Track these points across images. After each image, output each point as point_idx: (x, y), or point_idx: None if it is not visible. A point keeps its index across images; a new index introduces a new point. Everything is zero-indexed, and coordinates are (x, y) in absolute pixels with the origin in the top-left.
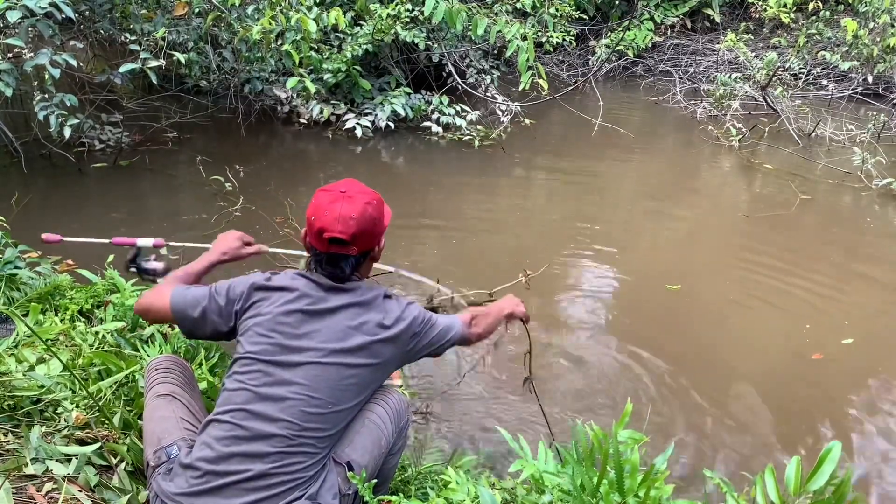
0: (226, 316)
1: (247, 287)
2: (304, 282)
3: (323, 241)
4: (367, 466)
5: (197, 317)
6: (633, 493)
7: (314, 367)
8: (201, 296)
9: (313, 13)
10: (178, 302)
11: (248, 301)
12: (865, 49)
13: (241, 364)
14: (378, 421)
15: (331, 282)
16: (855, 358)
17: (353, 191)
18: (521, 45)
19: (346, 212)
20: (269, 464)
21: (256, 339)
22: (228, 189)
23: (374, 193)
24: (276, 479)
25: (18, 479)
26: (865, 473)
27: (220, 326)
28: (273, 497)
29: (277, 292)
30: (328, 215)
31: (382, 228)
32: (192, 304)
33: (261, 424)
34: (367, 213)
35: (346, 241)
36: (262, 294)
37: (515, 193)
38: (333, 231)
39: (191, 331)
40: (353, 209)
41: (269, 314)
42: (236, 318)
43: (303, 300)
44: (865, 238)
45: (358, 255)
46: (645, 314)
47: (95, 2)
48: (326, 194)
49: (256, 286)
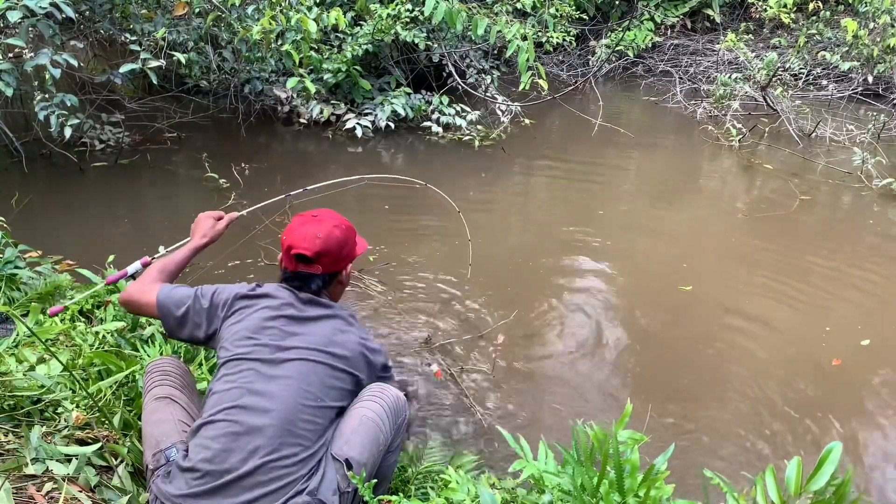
0: (206, 319)
1: (231, 295)
2: (287, 293)
3: (290, 258)
4: (366, 464)
5: (179, 316)
6: (633, 493)
7: (303, 363)
8: (186, 296)
9: (313, 13)
10: (164, 300)
11: (232, 308)
12: (865, 49)
13: (229, 366)
14: (376, 418)
15: (308, 294)
16: (855, 358)
17: (324, 216)
18: (521, 45)
19: (312, 231)
20: (266, 457)
21: (244, 341)
22: (226, 186)
23: (345, 220)
24: (273, 473)
25: (18, 479)
26: (866, 474)
27: (198, 330)
28: (273, 493)
29: (262, 299)
30: (296, 234)
31: (350, 253)
32: (176, 303)
33: (255, 418)
34: (333, 235)
35: (310, 258)
36: (246, 302)
37: (515, 193)
38: (299, 247)
39: (172, 329)
40: (319, 230)
41: (256, 319)
42: (219, 324)
43: (287, 308)
44: (865, 238)
45: (324, 276)
46: (645, 314)
47: (96, 2)
48: (300, 218)
49: (241, 295)
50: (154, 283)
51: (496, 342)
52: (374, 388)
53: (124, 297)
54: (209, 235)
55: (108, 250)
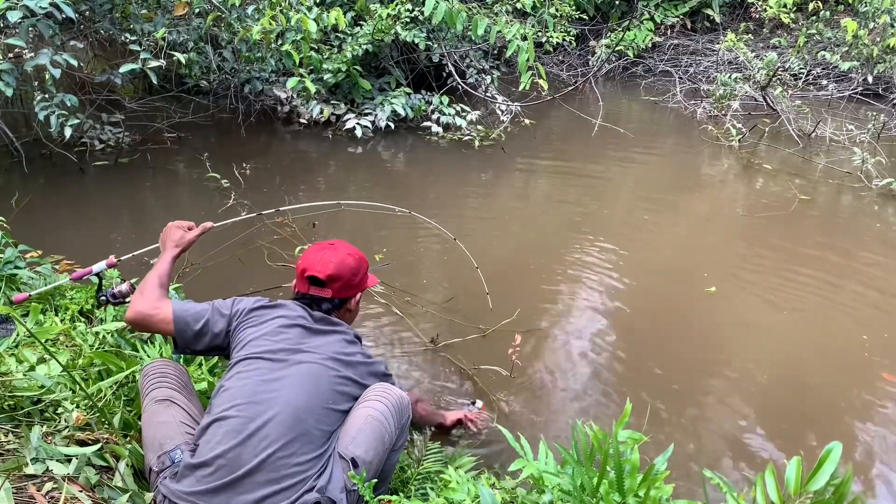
0: (225, 329)
1: (249, 305)
2: (301, 310)
3: (304, 280)
4: (372, 463)
5: (198, 329)
6: (633, 493)
7: (315, 366)
8: (203, 310)
9: (313, 13)
10: (181, 316)
11: (249, 316)
12: (865, 49)
13: (243, 364)
14: (381, 418)
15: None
16: (856, 358)
17: (340, 245)
18: (521, 46)
19: (327, 257)
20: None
21: (259, 341)
22: (226, 186)
23: (360, 253)
24: (284, 471)
25: (19, 479)
26: (866, 474)
27: (216, 340)
28: (284, 491)
29: (278, 309)
30: (311, 259)
31: (361, 282)
32: (194, 317)
33: (266, 415)
34: (346, 263)
35: (321, 280)
36: (262, 312)
37: (515, 193)
38: (312, 270)
39: (187, 343)
40: (333, 256)
41: (271, 325)
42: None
43: (301, 320)
44: (865, 239)
45: (334, 300)
46: (645, 314)
47: (96, 2)
48: (317, 245)
49: (259, 305)
50: (161, 299)
51: (514, 343)
52: (378, 388)
53: (131, 315)
54: (181, 245)
55: (108, 250)
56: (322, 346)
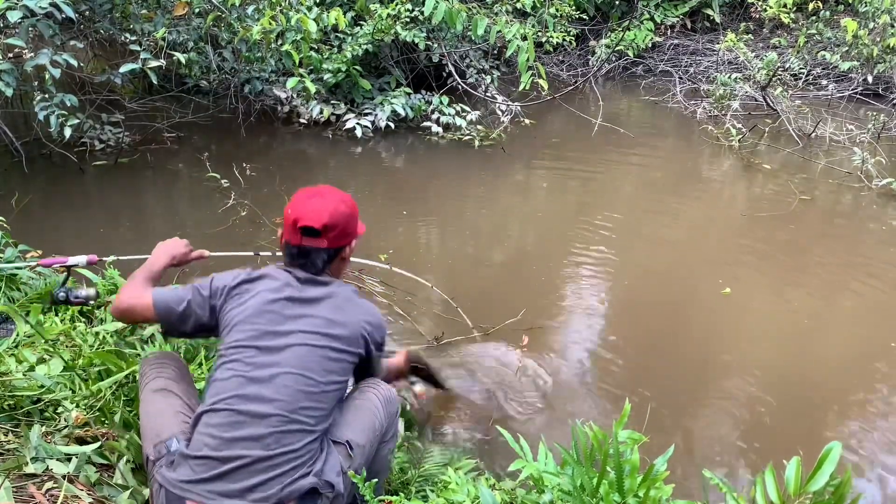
0: (209, 308)
1: (228, 281)
2: (286, 275)
3: (296, 231)
4: (365, 447)
5: (181, 311)
6: (633, 494)
7: (302, 347)
8: (184, 291)
9: (313, 13)
10: (161, 299)
11: (230, 295)
12: (865, 49)
13: (229, 354)
14: (371, 406)
15: (307, 274)
16: (856, 358)
17: (328, 191)
18: (521, 45)
19: (319, 206)
20: (269, 446)
21: (242, 327)
22: (227, 186)
23: (349, 196)
24: (278, 459)
25: (19, 478)
26: (866, 474)
27: (204, 318)
28: (280, 476)
29: (261, 282)
30: (302, 208)
31: (354, 230)
32: (175, 300)
33: (257, 406)
34: (339, 210)
35: (317, 230)
36: (244, 287)
37: (515, 193)
38: (306, 220)
39: (173, 326)
40: (326, 204)
41: (255, 303)
42: (217, 312)
43: (286, 289)
44: (864, 238)
45: (329, 250)
46: (645, 314)
47: (96, 2)
48: (304, 192)
49: (239, 281)
50: (144, 289)
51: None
52: (369, 382)
53: (116, 304)
54: (178, 258)
55: (108, 250)
56: (310, 320)
